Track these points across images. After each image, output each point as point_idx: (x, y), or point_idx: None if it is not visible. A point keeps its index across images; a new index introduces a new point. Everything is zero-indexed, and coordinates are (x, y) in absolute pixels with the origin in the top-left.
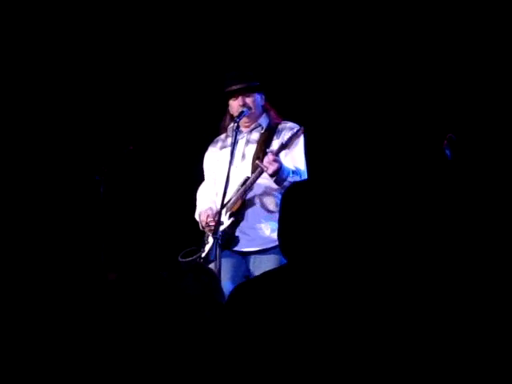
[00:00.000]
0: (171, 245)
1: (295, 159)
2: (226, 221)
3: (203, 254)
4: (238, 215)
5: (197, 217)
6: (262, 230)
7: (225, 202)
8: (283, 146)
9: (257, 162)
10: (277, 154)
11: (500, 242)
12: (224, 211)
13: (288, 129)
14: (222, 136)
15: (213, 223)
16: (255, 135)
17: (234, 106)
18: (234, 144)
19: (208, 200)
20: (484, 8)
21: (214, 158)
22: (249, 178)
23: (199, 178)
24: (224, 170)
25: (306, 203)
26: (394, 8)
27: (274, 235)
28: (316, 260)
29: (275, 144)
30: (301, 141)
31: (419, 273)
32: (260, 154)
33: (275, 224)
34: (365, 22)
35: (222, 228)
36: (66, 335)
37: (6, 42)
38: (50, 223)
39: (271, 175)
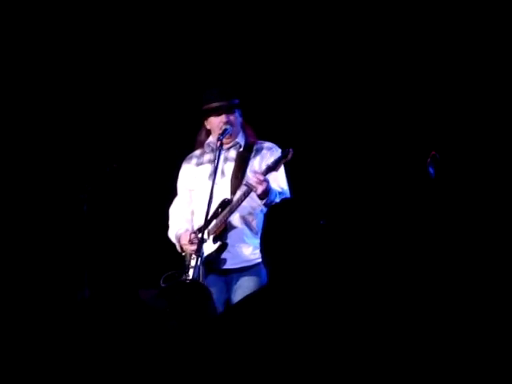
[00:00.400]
0: (154, 263)
1: (278, 179)
2: (212, 245)
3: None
4: (221, 238)
5: (172, 237)
6: (245, 248)
7: (203, 219)
8: (270, 169)
9: (245, 182)
10: (264, 174)
11: (483, 258)
12: (206, 234)
13: (267, 148)
14: (197, 152)
15: (195, 243)
16: (233, 153)
17: (215, 122)
18: (217, 162)
19: (183, 220)
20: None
21: (191, 175)
22: (228, 199)
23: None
24: (202, 186)
25: (290, 220)
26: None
27: (256, 253)
28: (298, 277)
29: (255, 163)
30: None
31: (401, 291)
32: (239, 173)
33: (257, 242)
34: (343, 43)
35: (207, 252)
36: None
37: None
38: (33, 241)
39: (260, 195)
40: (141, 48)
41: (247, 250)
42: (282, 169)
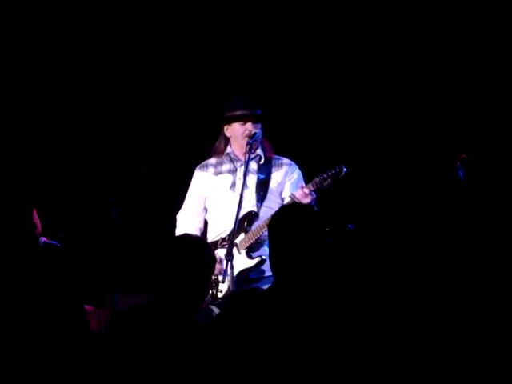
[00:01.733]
0: None
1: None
2: (248, 260)
3: (220, 295)
4: (255, 251)
5: None
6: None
7: (224, 230)
8: (318, 184)
9: (291, 194)
10: (312, 188)
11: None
12: (235, 249)
13: (287, 164)
14: (212, 161)
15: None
16: (254, 165)
17: (239, 130)
18: (246, 169)
19: (193, 229)
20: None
21: (209, 183)
22: (254, 212)
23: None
24: (222, 196)
25: (294, 224)
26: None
27: None
28: (304, 278)
29: (278, 177)
30: (301, 177)
31: (411, 293)
32: (263, 185)
33: None
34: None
35: (241, 267)
36: None
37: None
38: (63, 245)
39: None
40: (170, 59)
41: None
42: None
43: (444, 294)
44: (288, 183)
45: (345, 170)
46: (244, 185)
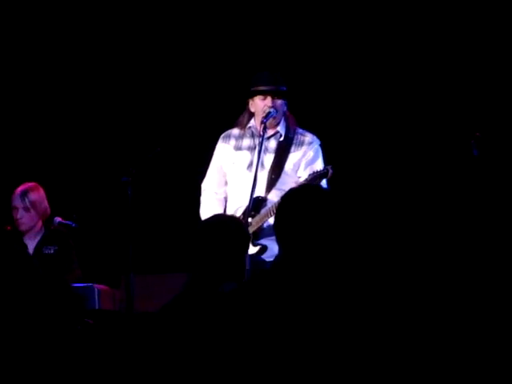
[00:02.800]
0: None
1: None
2: (251, 247)
3: None
4: (259, 238)
5: (204, 217)
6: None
7: (238, 207)
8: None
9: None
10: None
11: None
12: None
13: (307, 144)
14: (235, 132)
15: None
16: (273, 143)
17: (260, 105)
18: (260, 146)
19: (215, 200)
20: None
21: (229, 160)
22: (261, 198)
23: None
24: (239, 175)
25: (304, 204)
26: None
27: None
28: (310, 254)
29: (295, 158)
30: (320, 154)
31: (418, 275)
32: (277, 168)
33: None
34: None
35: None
36: None
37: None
38: (78, 225)
39: None
40: (185, 36)
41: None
42: (320, 161)
43: (457, 285)
44: (304, 161)
45: (331, 171)
46: (258, 166)
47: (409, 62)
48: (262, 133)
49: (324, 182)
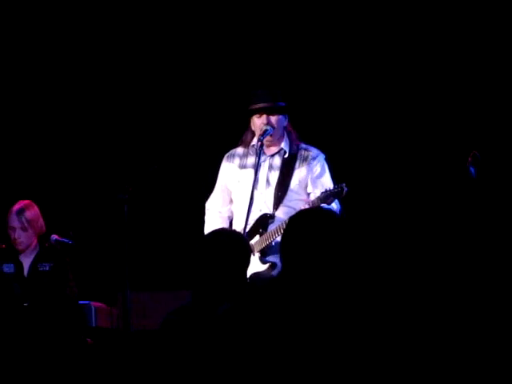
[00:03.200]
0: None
1: (326, 186)
2: (260, 264)
3: None
4: (268, 255)
5: None
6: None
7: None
8: (321, 201)
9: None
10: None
11: None
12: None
13: (312, 158)
14: (239, 151)
15: None
16: (277, 160)
17: (258, 123)
18: (257, 165)
19: (219, 218)
20: None
21: (234, 177)
22: (269, 215)
23: None
24: (245, 193)
25: (311, 229)
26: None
27: None
28: (309, 277)
29: (301, 174)
30: (326, 167)
31: (420, 290)
32: (283, 185)
33: None
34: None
35: (253, 270)
36: None
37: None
38: (74, 242)
39: None
40: (186, 48)
41: None
42: (328, 175)
43: (457, 287)
44: (311, 177)
45: (345, 190)
46: (254, 184)
47: (411, 76)
48: (258, 151)
49: (336, 200)
